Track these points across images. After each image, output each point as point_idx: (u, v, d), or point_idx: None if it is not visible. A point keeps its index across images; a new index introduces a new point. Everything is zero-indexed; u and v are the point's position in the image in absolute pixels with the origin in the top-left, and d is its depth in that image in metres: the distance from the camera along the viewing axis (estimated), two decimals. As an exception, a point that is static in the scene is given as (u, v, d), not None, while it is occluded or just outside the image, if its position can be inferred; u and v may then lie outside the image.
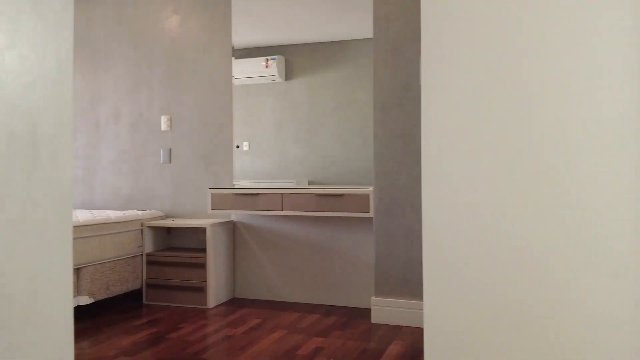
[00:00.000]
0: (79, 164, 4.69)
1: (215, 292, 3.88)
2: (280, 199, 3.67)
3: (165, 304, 3.92)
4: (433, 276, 1.54)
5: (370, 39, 3.70)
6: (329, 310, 3.73)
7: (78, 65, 4.70)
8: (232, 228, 4.11)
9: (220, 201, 3.84)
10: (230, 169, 4.17)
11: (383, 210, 3.41)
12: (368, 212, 3.45)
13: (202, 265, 3.82)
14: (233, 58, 4.20)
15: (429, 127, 1.55)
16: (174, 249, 4.17)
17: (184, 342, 3.04)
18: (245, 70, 4.34)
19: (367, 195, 3.45)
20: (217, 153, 4.21)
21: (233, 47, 4.21)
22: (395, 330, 3.22)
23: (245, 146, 4.23)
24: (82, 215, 3.81)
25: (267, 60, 4.33)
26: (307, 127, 3.97)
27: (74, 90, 4.71)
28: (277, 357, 2.77)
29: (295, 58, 4.14)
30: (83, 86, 4.68)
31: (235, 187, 3.98)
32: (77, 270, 3.47)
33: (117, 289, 3.77)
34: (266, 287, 4.04)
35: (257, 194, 3.74)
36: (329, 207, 3.53)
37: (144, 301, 4.00)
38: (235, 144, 4.20)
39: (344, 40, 3.92)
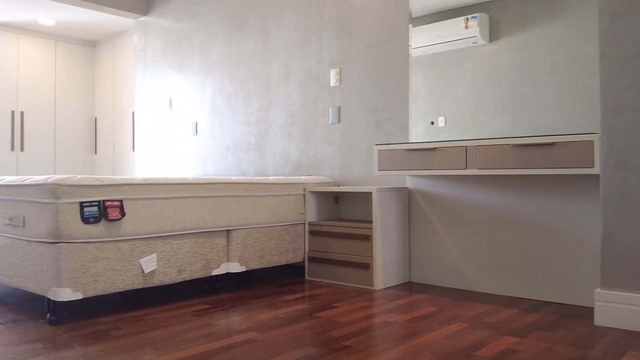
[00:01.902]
0: (252, 130, 4.39)
1: (384, 271, 3.18)
2: (464, 155, 2.82)
3: (329, 281, 3.35)
4: None
5: None
6: (532, 305, 2.77)
7: (251, 25, 4.41)
8: (406, 197, 3.37)
9: (388, 160, 3.13)
10: (405, 124, 3.43)
11: (614, 164, 2.36)
12: (591, 166, 2.42)
13: (368, 238, 3.15)
14: (426, 24, 3.46)
15: None
16: (340, 219, 3.57)
17: (331, 322, 2.40)
18: (441, 35, 3.58)
19: (590, 143, 2.42)
20: (391, 108, 3.50)
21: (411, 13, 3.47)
22: (630, 338, 2.16)
23: (440, 122, 3.46)
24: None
25: (467, 19, 3.53)
26: (514, 95, 3.06)
27: (248, 52, 4.43)
28: (447, 355, 1.96)
29: (501, 14, 3.26)
30: (256, 46, 4.37)
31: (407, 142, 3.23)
32: (227, 233, 3.07)
33: (274, 259, 3.30)
34: (449, 272, 3.21)
35: (434, 149, 2.94)
36: (533, 162, 2.58)
37: (306, 277, 3.47)
38: (430, 120, 3.45)
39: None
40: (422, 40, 3.46)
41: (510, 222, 2.98)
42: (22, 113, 6.17)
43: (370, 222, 3.33)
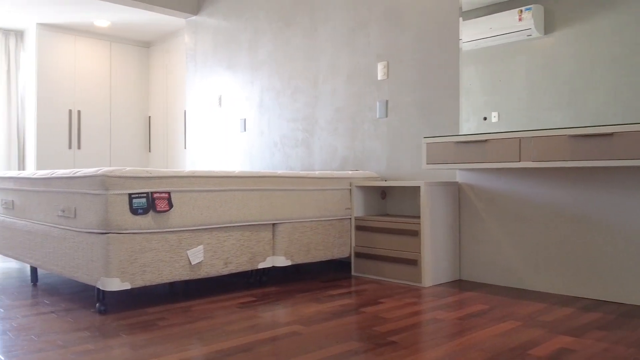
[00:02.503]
0: (299, 126, 4.38)
1: (433, 268, 3.09)
2: (518, 146, 2.70)
3: (375, 277, 3.29)
4: None
5: None
6: (589, 304, 2.63)
7: (298, 21, 4.40)
8: (456, 191, 3.27)
9: (438, 154, 3.04)
10: (455, 118, 3.33)
11: (682, 155, 2.20)
12: (655, 157, 2.27)
13: (416, 234, 3.07)
14: (477, 17, 3.35)
15: None
16: (387, 215, 3.51)
17: (377, 318, 2.34)
18: (493, 28, 3.47)
19: (654, 133, 2.27)
20: (441, 101, 3.41)
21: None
22: (703, 342, 2.01)
23: (494, 117, 3.35)
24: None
25: (521, 11, 3.41)
26: (571, 89, 2.92)
27: (295, 49, 4.43)
28: (498, 353, 1.88)
29: (556, 5, 3.13)
30: (302, 42, 4.36)
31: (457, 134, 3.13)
32: (273, 227, 3.06)
33: (320, 254, 3.27)
34: (501, 269, 3.09)
35: (486, 141, 2.83)
36: (591, 154, 2.45)
37: (352, 272, 3.43)
38: (482, 116, 3.34)
39: None
40: (474, 34, 3.36)
41: (566, 218, 2.84)
42: (79, 112, 6.39)
43: (419, 217, 3.25)
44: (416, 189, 3.51)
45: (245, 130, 4.95)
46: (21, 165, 6.42)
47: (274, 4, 4.64)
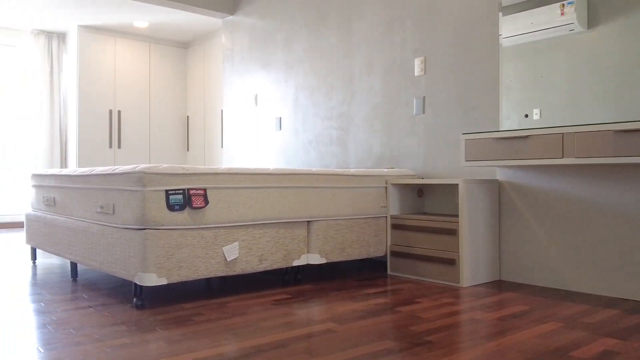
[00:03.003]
0: (334, 124, 4.36)
1: (471, 268, 3.02)
2: (560, 142, 2.61)
3: (412, 276, 3.24)
4: None
5: None
6: (635, 306, 2.52)
7: (333, 18, 4.38)
8: (496, 189, 3.19)
9: (477, 150, 2.97)
10: (495, 114, 3.25)
11: None
12: None
13: (454, 232, 3.01)
14: (517, 12, 3.27)
15: None
16: (424, 213, 3.45)
17: (413, 317, 2.30)
18: (534, 23, 3.38)
19: None
20: (480, 97, 3.33)
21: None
22: None
23: (535, 114, 3.26)
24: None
25: (563, 5, 3.31)
26: (616, 84, 2.82)
27: (329, 46, 4.41)
28: (538, 355, 1.81)
29: None
30: (337, 39, 4.33)
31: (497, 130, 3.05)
32: (308, 224, 3.05)
33: (355, 252, 3.24)
34: (543, 269, 3.00)
35: (527, 137, 2.75)
36: (638, 150, 2.34)
37: (389, 271, 3.38)
38: (524, 113, 3.25)
39: None
40: (514, 29, 3.27)
41: (610, 216, 2.73)
42: (119, 112, 6.53)
43: (457, 216, 3.19)
44: (454, 187, 3.44)
45: (280, 128, 4.95)
46: (63, 164, 6.59)
47: (309, 2, 4.63)
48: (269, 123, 5.10)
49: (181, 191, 2.52)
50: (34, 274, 3.40)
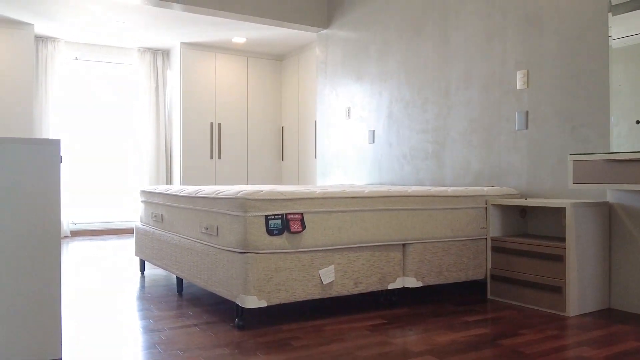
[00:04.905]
0: (429, 138, 4.28)
1: (579, 296, 2.85)
2: (683, 167, 2.39)
3: (513, 302, 3.11)
4: None
5: None
6: None
7: (429, 30, 4.30)
8: (607, 212, 2.98)
9: (586, 172, 2.79)
10: (605, 129, 3.04)
11: None
12: None
13: (560, 258, 2.85)
14: (628, 11, 3.05)
15: None
16: (527, 235, 3.30)
17: (516, 353, 2.20)
18: None
19: None
20: (588, 111, 3.13)
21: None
22: None
23: None
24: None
25: None
26: None
27: (425, 58, 4.33)
28: (660, 410, 1.67)
29: None
30: (433, 51, 4.25)
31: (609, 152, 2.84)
32: (403, 247, 3.01)
33: (453, 276, 3.16)
34: (660, 301, 2.77)
35: (644, 160, 2.55)
36: None
37: (488, 295, 3.27)
38: (635, 119, 3.02)
39: None
40: (624, 30, 3.03)
41: None
42: (219, 125, 6.80)
43: (563, 239, 3.02)
44: (561, 210, 3.26)
45: (374, 141, 4.94)
46: (168, 175, 6.97)
47: (404, 14, 4.58)
48: (362, 135, 5.10)
49: (280, 216, 2.57)
50: (142, 285, 3.62)
